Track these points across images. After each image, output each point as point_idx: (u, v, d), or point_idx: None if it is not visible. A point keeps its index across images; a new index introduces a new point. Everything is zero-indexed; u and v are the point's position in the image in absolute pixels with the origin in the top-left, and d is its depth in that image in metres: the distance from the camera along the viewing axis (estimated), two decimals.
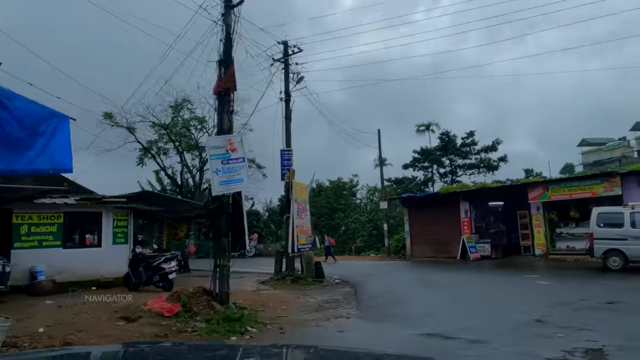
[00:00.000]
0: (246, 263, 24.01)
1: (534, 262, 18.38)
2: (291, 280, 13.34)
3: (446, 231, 22.69)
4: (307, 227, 14.10)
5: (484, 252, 20.65)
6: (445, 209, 22.66)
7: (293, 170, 13.97)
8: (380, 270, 18.17)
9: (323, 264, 19.66)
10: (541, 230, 19.05)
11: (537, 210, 19.17)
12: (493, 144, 42.07)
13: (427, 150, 43.61)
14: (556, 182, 18.08)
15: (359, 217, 32.50)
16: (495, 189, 20.52)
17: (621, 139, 45.60)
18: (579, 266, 16.27)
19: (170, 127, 36.72)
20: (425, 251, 23.70)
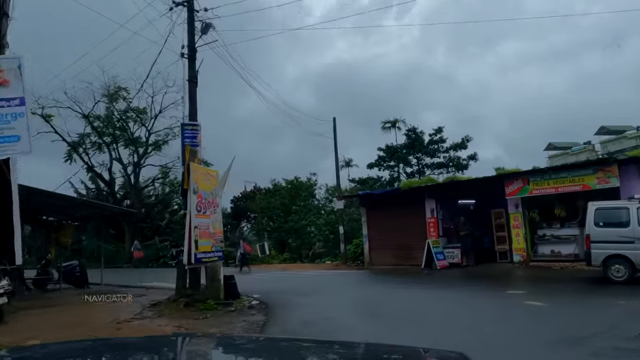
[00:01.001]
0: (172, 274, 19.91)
1: (513, 272, 15.07)
2: (185, 304, 9.44)
3: (409, 234, 19.26)
4: (215, 229, 10.26)
5: (453, 258, 17.26)
6: (408, 209, 19.24)
7: (192, 149, 10.14)
8: (325, 283, 14.50)
9: (248, 277, 15.96)
10: (520, 232, 15.81)
11: (516, 208, 15.92)
12: (462, 142, 39.35)
13: (392, 148, 40.49)
14: (539, 174, 14.86)
15: (314, 220, 28.78)
16: (466, 184, 17.21)
17: (586, 143, 46.08)
18: (570, 276, 13.02)
19: (104, 119, 32.19)
20: (385, 258, 20.19)
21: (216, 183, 10.70)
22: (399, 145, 40.93)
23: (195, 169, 9.84)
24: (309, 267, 23.08)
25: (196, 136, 10.75)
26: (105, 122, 31.86)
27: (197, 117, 11.05)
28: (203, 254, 9.74)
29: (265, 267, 24.73)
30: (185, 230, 9.64)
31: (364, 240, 21.11)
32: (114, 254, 32.68)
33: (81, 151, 31.96)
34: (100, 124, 32.04)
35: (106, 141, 31.77)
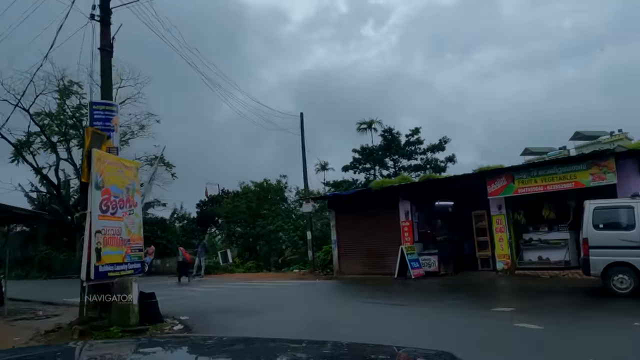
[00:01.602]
0: None
1: (497, 282, 13.28)
2: (80, 332, 7.21)
3: (382, 240, 17.37)
4: (131, 235, 8.09)
5: (429, 266, 15.40)
6: (380, 211, 17.36)
7: (96, 131, 7.95)
8: (282, 298, 12.40)
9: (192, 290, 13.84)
10: (504, 237, 14.06)
11: (499, 210, 14.17)
12: (440, 143, 37.91)
13: (368, 149, 38.78)
14: (526, 170, 13.11)
15: (282, 225, 26.65)
16: (443, 183, 15.41)
17: (562, 148, 46.20)
18: (563, 287, 11.28)
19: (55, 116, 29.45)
20: (356, 266, 18.24)
21: (134, 177, 8.54)
22: (374, 147, 39.27)
23: (100, 157, 7.66)
24: (274, 277, 20.93)
25: (110, 119, 8.58)
26: (55, 120, 29.13)
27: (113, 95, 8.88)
28: (110, 267, 7.56)
29: (225, 276, 22.49)
30: (84, 236, 7.44)
31: (333, 247, 19.11)
32: (64, 263, 29.89)
33: (29, 151, 29.20)
34: (51, 121, 29.31)
35: (54, 140, 29.03)
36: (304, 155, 20.43)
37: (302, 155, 20.53)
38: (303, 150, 20.69)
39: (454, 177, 14.64)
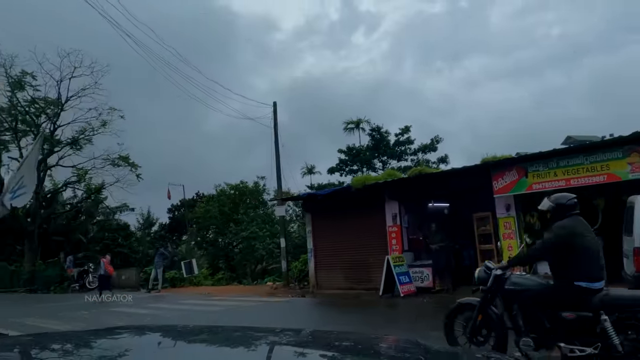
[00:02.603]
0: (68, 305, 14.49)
1: None
2: None
3: (365, 248, 14.60)
4: None
5: (422, 281, 12.63)
6: (363, 214, 14.61)
7: None
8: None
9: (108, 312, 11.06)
10: (514, 244, 11.32)
11: (507, 211, 11.46)
12: (432, 143, 35.44)
13: (355, 150, 36.13)
14: (543, 160, 10.39)
15: (257, 231, 23.75)
16: (438, 178, 12.64)
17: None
18: None
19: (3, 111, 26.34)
20: (336, 279, 15.44)
21: None
22: (362, 147, 36.64)
23: None
24: (241, 291, 18.01)
25: None
26: (3, 114, 26.04)
27: None
28: None
29: (189, 290, 19.52)
30: None
31: (309, 256, 16.29)
32: (11, 275, 26.63)
33: None
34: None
35: (4, 138, 25.95)
36: (277, 149, 17.63)
37: (275, 149, 17.73)
38: (276, 144, 17.89)
39: (451, 171, 11.91)
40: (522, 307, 4.52)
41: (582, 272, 4.22)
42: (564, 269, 4.37)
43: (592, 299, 4.11)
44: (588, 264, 4.26)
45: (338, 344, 1.66)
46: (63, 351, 1.57)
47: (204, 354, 1.64)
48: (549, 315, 4.30)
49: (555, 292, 4.39)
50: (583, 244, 4.30)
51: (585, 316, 4.10)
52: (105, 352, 1.61)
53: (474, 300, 5.06)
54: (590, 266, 4.26)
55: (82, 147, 27.56)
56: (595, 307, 4.04)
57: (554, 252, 4.50)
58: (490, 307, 4.79)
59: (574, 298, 4.21)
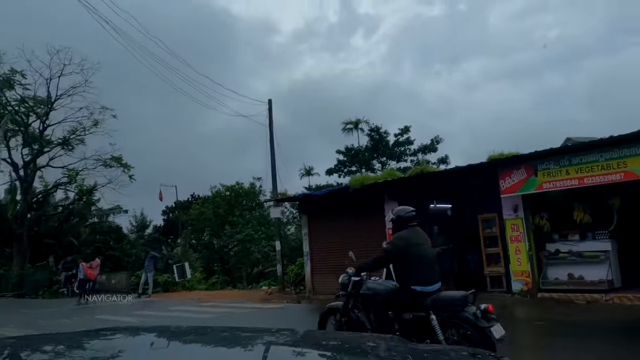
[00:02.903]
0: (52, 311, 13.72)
1: (517, 309, 9.84)
2: None
3: (364, 251, 13.75)
4: None
5: None
6: (362, 216, 13.90)
7: None
8: None
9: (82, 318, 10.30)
10: (522, 248, 10.63)
11: (515, 212, 10.75)
12: (432, 143, 34.76)
13: (353, 150, 35.45)
14: (554, 157, 9.67)
15: (252, 233, 23.02)
16: (441, 177, 11.93)
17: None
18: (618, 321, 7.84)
19: None
20: (333, 284, 14.48)
21: None
22: (360, 147, 35.95)
23: None
24: (235, 296, 17.26)
25: None
26: None
27: None
28: None
29: (181, 295, 18.77)
30: None
31: (305, 260, 15.58)
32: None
33: None
34: None
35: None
36: (272, 148, 16.92)
37: (270, 148, 17.03)
38: (271, 143, 17.18)
39: (455, 170, 11.19)
40: (374, 310, 4.98)
41: (418, 277, 4.67)
42: (402, 274, 4.84)
43: (425, 301, 4.56)
44: (422, 270, 4.70)
45: (326, 343, 1.70)
46: (54, 353, 1.54)
47: (195, 354, 1.64)
48: (396, 316, 4.74)
49: (396, 296, 4.83)
50: (418, 252, 4.76)
51: (420, 316, 4.56)
52: (98, 353, 1.59)
53: (340, 304, 5.43)
54: (425, 272, 4.71)
55: (73, 148, 26.85)
56: (427, 307, 4.52)
57: (393, 260, 5.04)
58: (353, 310, 5.19)
59: (411, 300, 4.66)
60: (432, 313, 4.46)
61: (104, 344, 1.70)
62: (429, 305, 4.53)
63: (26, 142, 25.80)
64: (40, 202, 28.79)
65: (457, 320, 4.40)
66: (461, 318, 4.36)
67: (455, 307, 4.45)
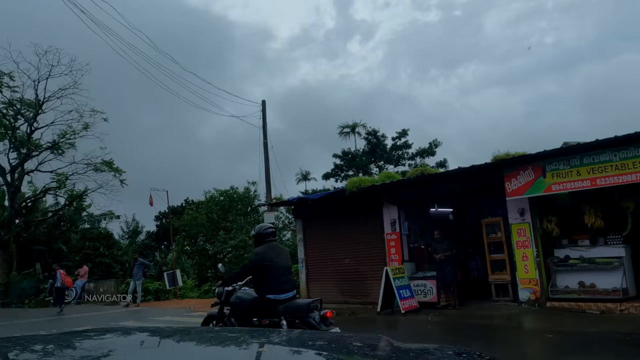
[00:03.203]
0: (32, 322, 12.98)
1: (526, 320, 9.18)
2: None
3: (362, 258, 13.27)
4: None
5: (425, 295, 11.25)
6: (359, 220, 13.29)
7: None
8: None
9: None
10: (529, 254, 10.00)
11: (521, 216, 10.14)
12: (430, 147, 34.26)
13: (350, 154, 34.87)
14: (564, 157, 9.06)
15: (246, 239, 22.35)
16: (442, 179, 11.29)
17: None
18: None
19: None
20: (329, 292, 14.01)
21: None
22: (357, 151, 35.38)
23: None
24: None
25: None
26: None
27: None
28: None
29: (172, 304, 18.04)
30: None
31: (300, 267, 14.90)
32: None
33: None
34: None
35: None
36: (265, 150, 16.28)
37: (264, 150, 16.38)
38: (265, 145, 16.53)
39: (457, 172, 10.56)
40: (238, 317, 5.39)
41: (272, 287, 5.19)
42: (259, 285, 5.32)
43: (278, 308, 5.09)
44: (276, 281, 5.22)
45: (312, 343, 1.73)
46: (43, 352, 1.54)
47: (179, 354, 1.64)
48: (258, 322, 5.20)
49: (255, 304, 5.31)
50: (272, 265, 5.27)
51: (274, 321, 5.04)
52: (86, 352, 1.59)
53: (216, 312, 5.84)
54: (278, 282, 5.22)
55: (63, 152, 26.09)
56: (280, 313, 5.03)
57: (251, 273, 5.46)
58: (230, 318, 5.53)
59: (266, 307, 5.17)
60: (284, 318, 5.00)
61: (92, 343, 1.69)
62: (281, 311, 5.07)
63: (14, 146, 25.05)
64: (29, 208, 28.00)
65: (303, 325, 4.90)
66: (305, 322, 4.90)
67: (301, 313, 4.97)
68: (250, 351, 1.65)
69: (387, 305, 11.01)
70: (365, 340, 1.80)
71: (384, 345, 1.67)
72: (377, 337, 1.81)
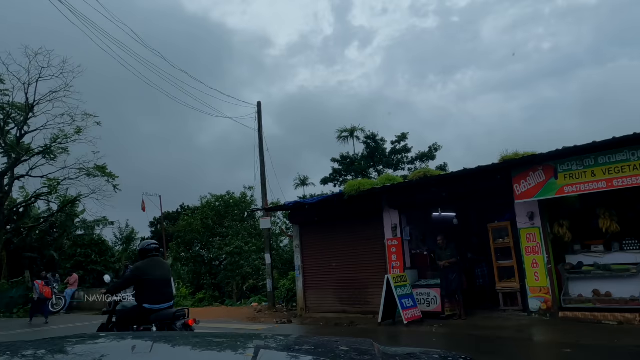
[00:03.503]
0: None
1: (539, 332, 8.57)
2: None
3: (361, 265, 12.65)
4: None
5: (428, 304, 10.63)
6: (358, 225, 12.69)
7: None
8: None
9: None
10: (540, 260, 9.40)
11: (531, 220, 9.55)
12: (430, 151, 33.73)
13: (349, 158, 34.31)
14: (577, 156, 8.48)
15: (242, 245, 21.68)
16: (446, 182, 10.68)
17: None
18: None
19: None
20: (328, 301, 13.43)
21: None
22: (356, 156, 34.84)
23: None
24: (220, 314, 15.87)
25: None
26: None
27: None
28: None
29: None
30: None
31: (297, 274, 14.26)
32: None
33: None
34: None
35: None
36: (261, 153, 15.70)
37: (260, 153, 15.80)
38: (261, 149, 15.96)
39: (462, 173, 9.97)
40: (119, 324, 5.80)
41: (148, 298, 5.64)
42: (138, 296, 5.78)
43: (152, 317, 5.55)
44: (152, 293, 5.67)
45: (299, 347, 1.76)
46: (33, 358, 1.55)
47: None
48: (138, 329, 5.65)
49: (133, 312, 5.73)
50: (150, 278, 5.70)
51: (147, 327, 5.53)
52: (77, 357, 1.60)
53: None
54: (154, 294, 5.66)
55: (56, 157, 25.45)
56: (152, 321, 5.52)
57: (131, 284, 6.08)
58: (136, 328, 5.80)
59: (142, 316, 5.60)
60: (154, 326, 5.52)
61: (83, 348, 1.72)
62: (155, 319, 5.56)
63: (4, 150, 24.41)
64: (21, 214, 27.31)
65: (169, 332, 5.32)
66: (172, 329, 5.47)
67: (168, 321, 5.49)
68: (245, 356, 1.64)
69: (389, 315, 10.38)
70: (352, 344, 1.81)
71: (371, 349, 1.68)
72: (364, 341, 1.83)
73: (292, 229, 14.81)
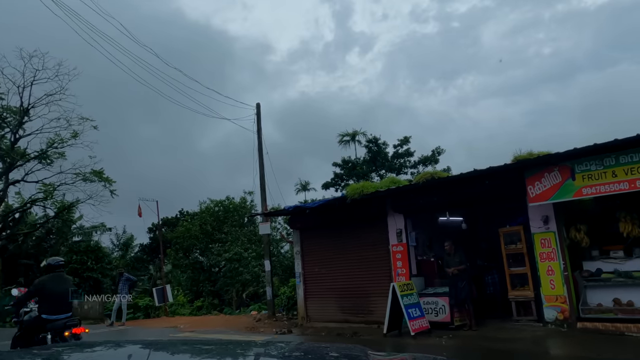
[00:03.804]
0: None
1: (557, 345, 7.98)
2: None
3: (365, 272, 12.07)
4: None
5: (436, 314, 10.02)
6: (361, 230, 12.12)
7: None
8: None
9: None
10: (555, 267, 8.81)
11: (545, 224, 8.97)
12: (433, 155, 33.20)
13: (351, 162, 33.77)
14: (597, 156, 7.91)
15: (241, 251, 21.10)
16: (454, 184, 10.11)
17: None
18: None
19: None
20: (329, 310, 12.83)
21: None
22: (358, 160, 34.29)
23: None
24: (218, 324, 15.28)
25: None
26: None
27: None
28: None
29: (155, 323, 16.79)
30: None
31: (298, 282, 13.68)
32: None
33: None
34: None
35: None
36: (260, 156, 15.18)
37: (259, 156, 15.28)
38: (260, 151, 15.44)
39: (471, 175, 9.40)
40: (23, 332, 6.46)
41: (47, 309, 6.29)
42: (39, 307, 6.41)
43: (48, 325, 6.22)
44: (51, 304, 6.32)
45: (289, 354, 1.75)
46: None
47: None
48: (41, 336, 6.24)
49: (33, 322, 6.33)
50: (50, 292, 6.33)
51: (45, 335, 6.15)
52: None
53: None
54: (53, 306, 6.32)
55: (52, 162, 24.95)
56: (49, 329, 6.18)
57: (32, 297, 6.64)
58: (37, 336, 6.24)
59: (41, 325, 6.25)
60: (50, 334, 6.07)
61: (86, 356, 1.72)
62: (50, 328, 6.11)
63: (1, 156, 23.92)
64: (17, 220, 26.79)
65: (60, 339, 6.03)
66: (62, 338, 6.04)
67: (60, 330, 6.10)
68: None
69: (395, 325, 9.79)
70: (342, 350, 1.82)
71: (360, 355, 1.70)
72: (354, 347, 1.86)
73: (292, 235, 14.26)
